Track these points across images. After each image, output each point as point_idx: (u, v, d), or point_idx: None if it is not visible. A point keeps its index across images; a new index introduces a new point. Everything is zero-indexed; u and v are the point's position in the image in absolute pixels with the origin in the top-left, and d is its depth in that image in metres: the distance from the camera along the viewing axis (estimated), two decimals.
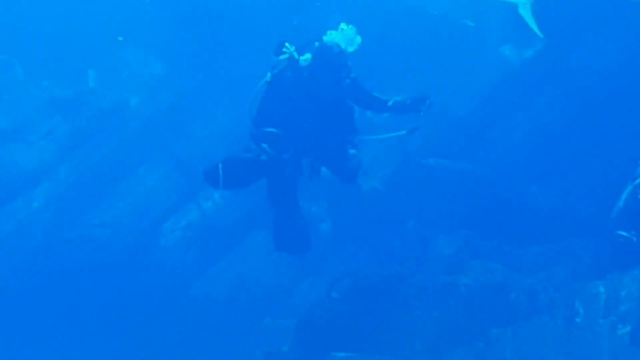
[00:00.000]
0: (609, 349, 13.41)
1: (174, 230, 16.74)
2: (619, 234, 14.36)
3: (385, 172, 16.60)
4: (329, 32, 13.99)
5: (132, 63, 17.97)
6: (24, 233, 16.48)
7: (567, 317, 13.69)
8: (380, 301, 14.40)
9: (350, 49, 13.47)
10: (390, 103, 13.79)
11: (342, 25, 13.65)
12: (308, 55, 13.57)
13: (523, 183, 15.96)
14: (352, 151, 14.29)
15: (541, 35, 14.60)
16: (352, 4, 16.68)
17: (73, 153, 17.21)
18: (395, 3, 16.77)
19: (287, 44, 13.69)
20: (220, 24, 17.63)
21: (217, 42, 17.55)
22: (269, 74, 13.93)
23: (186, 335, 16.25)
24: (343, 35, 13.60)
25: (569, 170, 15.67)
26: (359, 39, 13.55)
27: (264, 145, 13.55)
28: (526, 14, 14.60)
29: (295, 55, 13.59)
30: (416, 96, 13.59)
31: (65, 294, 16.25)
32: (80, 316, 16.01)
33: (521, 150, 16.17)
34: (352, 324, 14.18)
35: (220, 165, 13.75)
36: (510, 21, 16.40)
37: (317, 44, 13.74)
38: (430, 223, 15.99)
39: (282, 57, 13.73)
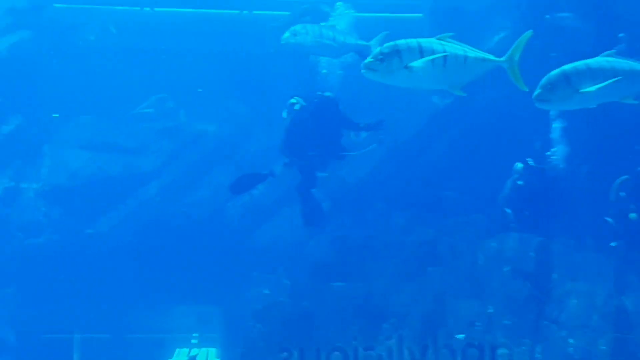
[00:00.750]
0: (497, 280, 13.77)
1: (234, 207, 16.81)
2: (504, 210, 14.79)
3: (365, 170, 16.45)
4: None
5: (209, 104, 17.51)
6: (144, 210, 16.71)
7: (472, 262, 14.27)
8: (361, 252, 14.85)
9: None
10: (362, 125, 14.58)
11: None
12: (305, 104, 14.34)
13: (448, 180, 15.99)
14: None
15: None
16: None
17: (173, 162, 17.24)
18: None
19: (296, 98, 14.40)
20: (263, 79, 17.35)
21: (261, 90, 17.20)
22: (285, 115, 14.48)
23: (242, 271, 15.93)
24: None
25: (475, 171, 15.66)
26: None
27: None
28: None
29: (303, 103, 14.22)
30: (377, 121, 14.55)
31: (171, 246, 16.21)
32: (183, 257, 16.19)
33: (445, 162, 16.18)
34: (344, 265, 14.61)
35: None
36: None
37: (318, 93, 14.46)
38: (393, 204, 15.86)
39: (296, 107, 14.26)
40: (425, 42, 10.24)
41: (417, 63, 10.09)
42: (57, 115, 17.19)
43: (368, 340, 13.62)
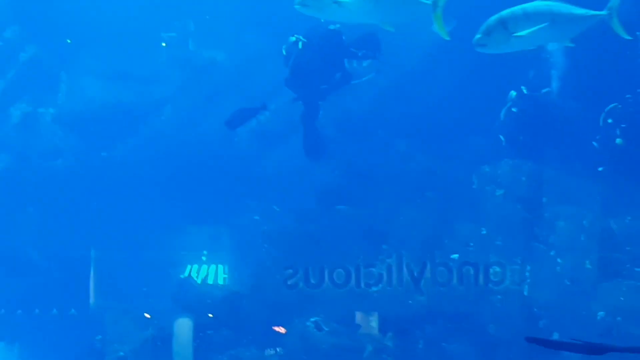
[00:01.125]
0: (491, 203, 14.50)
1: (242, 134, 16.62)
2: (499, 136, 15.17)
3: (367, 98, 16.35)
4: None
5: (217, 34, 17.20)
6: (157, 135, 16.93)
7: (468, 187, 14.78)
8: (364, 178, 15.35)
9: None
10: (360, 54, 14.90)
11: None
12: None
13: (446, 108, 15.80)
14: None
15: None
16: None
17: (183, 90, 17.24)
18: None
19: (296, 35, 14.52)
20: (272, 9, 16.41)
21: (270, 21, 16.45)
22: (285, 52, 14.75)
23: (248, 196, 16.18)
24: None
25: (473, 99, 15.48)
26: None
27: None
28: None
29: (304, 40, 14.34)
30: (375, 48, 14.79)
31: (182, 170, 16.44)
32: (193, 180, 16.41)
33: (443, 90, 15.91)
34: (348, 190, 15.26)
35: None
36: None
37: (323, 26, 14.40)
38: (394, 132, 15.90)
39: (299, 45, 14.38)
40: None
41: None
42: (70, 41, 17.38)
43: (369, 260, 14.36)
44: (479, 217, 14.43)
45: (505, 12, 11.16)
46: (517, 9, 11.18)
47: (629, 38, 12.34)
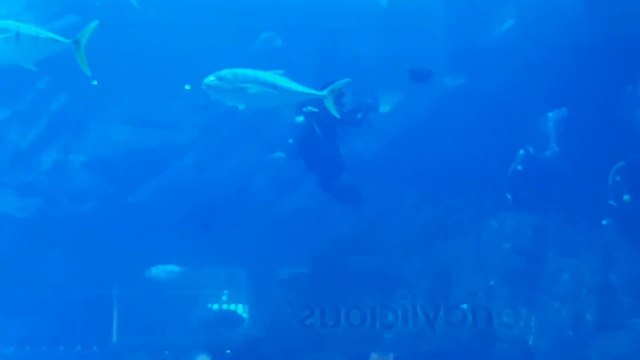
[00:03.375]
0: (498, 254, 14.94)
1: (261, 178, 17.35)
2: (505, 193, 15.79)
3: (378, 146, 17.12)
4: None
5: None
6: (180, 180, 17.52)
7: (477, 238, 15.24)
8: (376, 227, 15.78)
9: None
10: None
11: None
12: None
13: (456, 159, 16.39)
14: None
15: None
16: None
17: (205, 136, 17.83)
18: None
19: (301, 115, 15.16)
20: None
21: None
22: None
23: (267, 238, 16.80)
24: None
25: (482, 151, 16.03)
26: None
27: None
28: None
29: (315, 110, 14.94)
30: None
31: (204, 212, 16.69)
32: (214, 222, 16.72)
33: (454, 141, 16.56)
34: (360, 240, 15.55)
35: None
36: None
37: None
38: (404, 182, 16.36)
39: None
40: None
41: None
42: (96, 82, 17.57)
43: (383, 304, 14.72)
44: (486, 269, 14.84)
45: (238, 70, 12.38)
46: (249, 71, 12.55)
47: (338, 117, 13.46)
